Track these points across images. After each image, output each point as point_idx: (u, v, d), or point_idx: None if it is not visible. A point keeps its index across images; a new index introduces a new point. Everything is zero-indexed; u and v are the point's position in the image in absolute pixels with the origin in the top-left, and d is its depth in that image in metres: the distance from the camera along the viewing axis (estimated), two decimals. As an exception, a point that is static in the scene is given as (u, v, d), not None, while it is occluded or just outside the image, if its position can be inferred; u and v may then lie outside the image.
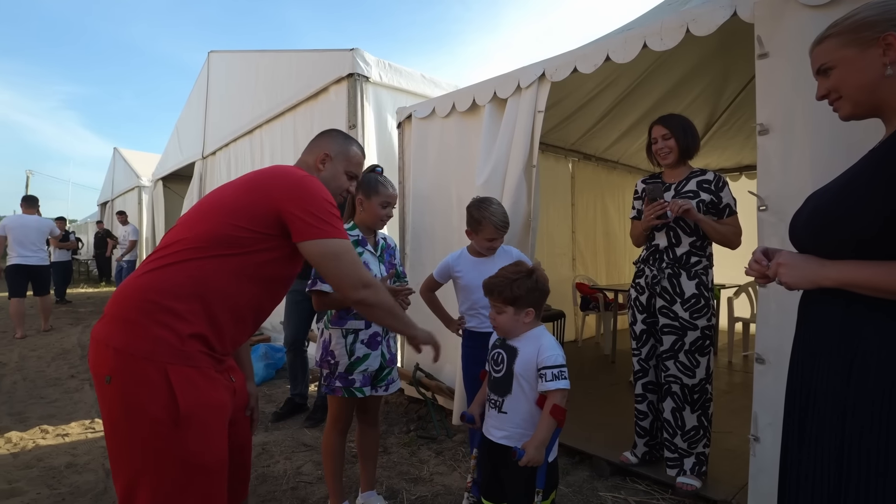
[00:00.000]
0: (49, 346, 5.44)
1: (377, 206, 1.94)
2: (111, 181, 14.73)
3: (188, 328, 1.15)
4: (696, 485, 2.18)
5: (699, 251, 2.24)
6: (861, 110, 1.03)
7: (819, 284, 1.00)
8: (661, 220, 2.22)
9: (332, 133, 1.58)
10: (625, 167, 6.14)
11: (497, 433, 1.58)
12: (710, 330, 2.22)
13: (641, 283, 2.38)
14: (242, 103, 6.53)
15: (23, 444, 2.82)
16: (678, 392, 2.24)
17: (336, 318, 1.92)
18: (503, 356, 1.60)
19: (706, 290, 2.22)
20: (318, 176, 1.47)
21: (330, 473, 1.95)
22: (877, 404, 0.91)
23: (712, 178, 2.25)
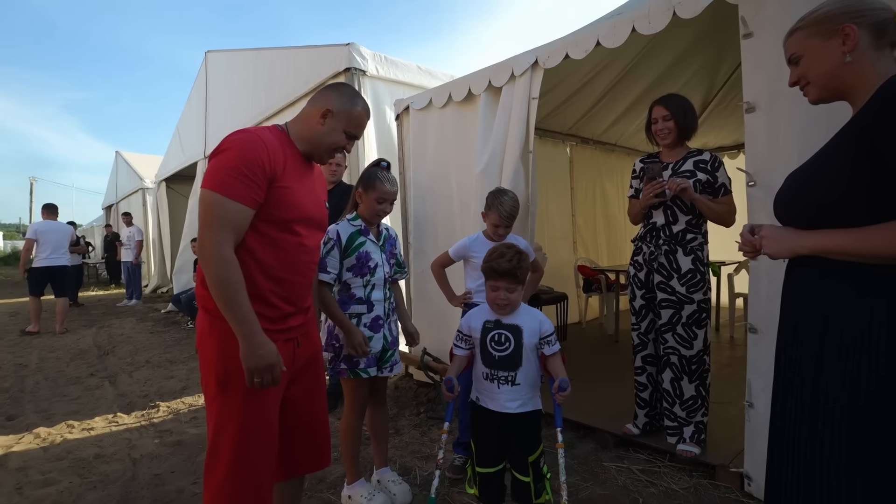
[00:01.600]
0: (66, 347, 5.58)
1: (373, 202, 2.00)
2: (115, 184, 14.86)
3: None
4: (695, 451, 2.28)
5: (695, 229, 2.31)
6: (827, 94, 1.13)
7: (796, 252, 1.10)
8: (660, 199, 2.28)
9: (341, 88, 1.50)
10: (623, 149, 6.18)
11: (512, 404, 1.74)
12: (705, 303, 2.30)
13: (639, 260, 2.46)
14: (242, 102, 6.60)
15: (51, 438, 2.95)
16: (676, 363, 2.32)
17: (340, 304, 2.01)
18: (507, 335, 1.73)
19: (702, 266, 2.30)
20: (316, 129, 1.44)
21: (348, 452, 2.06)
22: (842, 357, 1.00)
23: (708, 158, 2.31)
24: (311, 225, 1.49)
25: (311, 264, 1.51)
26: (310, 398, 1.55)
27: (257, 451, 1.34)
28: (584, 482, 2.22)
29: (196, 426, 3.07)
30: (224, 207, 1.25)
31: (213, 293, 1.27)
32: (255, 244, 1.34)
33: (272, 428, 1.38)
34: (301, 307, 1.50)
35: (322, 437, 1.59)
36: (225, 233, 1.26)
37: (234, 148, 1.28)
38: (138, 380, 4.18)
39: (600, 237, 6.04)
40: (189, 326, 6.48)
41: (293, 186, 1.39)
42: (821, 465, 1.04)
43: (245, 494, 1.32)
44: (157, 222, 10.68)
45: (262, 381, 1.28)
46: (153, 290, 10.81)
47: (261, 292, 1.36)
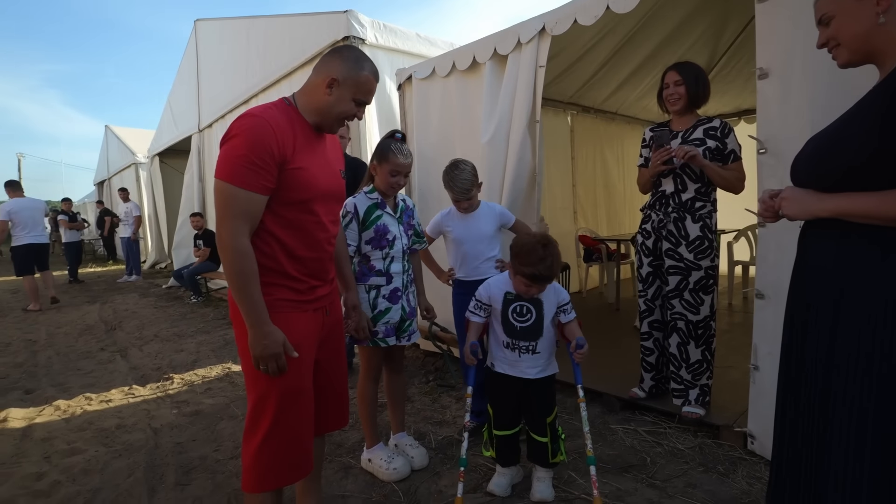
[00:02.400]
0: (72, 322, 5.63)
1: (387, 174, 2.01)
2: (106, 160, 14.63)
3: (265, 278, 1.36)
4: (700, 413, 2.36)
5: (704, 196, 2.33)
6: (857, 57, 1.13)
7: (816, 215, 1.12)
8: (668, 166, 2.30)
9: (344, 53, 1.43)
10: (623, 118, 6.14)
11: (532, 371, 1.85)
12: (713, 270, 2.34)
13: (647, 228, 2.48)
14: (236, 73, 6.45)
15: (71, 410, 3.02)
16: (683, 328, 2.38)
17: (359, 275, 2.05)
18: (529, 308, 1.81)
19: (710, 233, 2.33)
20: (323, 100, 1.41)
21: (366, 417, 2.13)
22: (861, 321, 1.04)
23: (718, 124, 2.31)
24: (329, 200, 1.50)
25: (330, 239, 1.54)
26: (334, 362, 1.63)
27: (297, 414, 1.42)
28: (594, 444, 2.30)
29: (211, 396, 3.15)
30: (236, 197, 1.27)
31: (228, 280, 1.31)
32: (275, 227, 1.37)
33: (309, 393, 1.46)
34: (326, 279, 1.55)
35: (344, 397, 1.68)
36: (239, 222, 1.28)
37: (242, 134, 1.28)
38: (149, 353, 4.24)
39: (600, 207, 6.06)
40: (192, 301, 6.53)
41: (306, 166, 1.39)
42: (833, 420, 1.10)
43: (282, 453, 1.40)
44: (152, 197, 10.57)
45: (267, 368, 1.33)
46: (151, 266, 10.80)
47: (286, 270, 1.41)
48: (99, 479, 2.22)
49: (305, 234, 1.43)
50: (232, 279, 1.30)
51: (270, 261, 1.37)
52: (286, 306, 1.40)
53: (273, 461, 1.39)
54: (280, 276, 1.39)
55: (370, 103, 1.52)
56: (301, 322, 1.43)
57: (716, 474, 2.01)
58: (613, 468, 2.10)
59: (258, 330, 1.30)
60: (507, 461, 1.95)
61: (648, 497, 1.88)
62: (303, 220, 1.41)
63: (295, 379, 1.41)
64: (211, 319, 5.46)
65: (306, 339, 1.44)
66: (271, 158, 1.29)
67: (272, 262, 1.38)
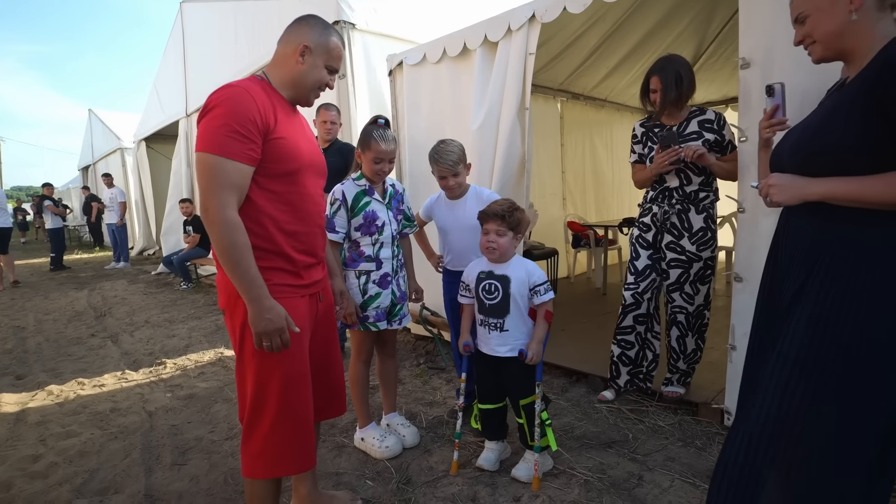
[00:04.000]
0: (61, 309, 5.60)
1: (370, 162, 2.01)
2: (90, 144, 14.35)
3: (262, 262, 1.34)
4: (680, 392, 2.46)
5: (706, 187, 2.34)
6: (830, 53, 1.20)
7: (805, 199, 1.18)
8: (675, 166, 2.26)
9: (310, 21, 1.43)
10: (613, 105, 6.17)
11: (502, 349, 1.90)
12: (712, 260, 2.36)
13: (647, 222, 2.44)
14: (223, 57, 6.37)
15: (64, 395, 3.04)
16: (683, 321, 2.39)
17: (349, 261, 2.09)
18: (496, 285, 1.87)
19: (712, 223, 2.34)
20: (297, 70, 1.40)
21: (357, 399, 2.19)
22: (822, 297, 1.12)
23: (713, 116, 2.29)
24: (313, 172, 1.49)
25: (320, 213, 1.54)
26: (327, 348, 1.64)
27: (300, 399, 1.43)
28: (578, 422, 2.40)
29: (205, 380, 3.19)
30: (222, 168, 1.23)
31: (220, 257, 1.26)
32: (264, 202, 1.35)
33: (308, 377, 1.46)
34: (319, 257, 1.54)
35: (340, 384, 1.69)
36: (227, 194, 1.24)
37: (222, 104, 1.26)
38: (140, 339, 4.26)
39: (589, 193, 6.13)
40: (182, 287, 6.52)
41: (288, 136, 1.38)
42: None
43: (292, 439, 1.41)
44: (139, 183, 10.44)
45: (270, 344, 1.31)
46: (139, 253, 10.71)
47: (281, 248, 1.39)
48: (96, 460, 2.26)
49: (295, 207, 1.42)
50: (224, 255, 1.25)
51: (265, 241, 1.36)
52: (285, 291, 1.39)
53: (280, 448, 1.39)
54: (277, 256, 1.39)
55: (338, 70, 1.51)
56: (300, 308, 1.44)
57: (694, 448, 2.10)
58: (597, 444, 2.18)
59: (259, 305, 1.27)
60: (493, 435, 2.03)
61: (629, 470, 1.97)
62: (292, 193, 1.41)
63: (299, 363, 1.42)
64: (202, 305, 5.47)
65: (304, 326, 1.45)
66: (255, 127, 1.27)
67: (267, 242, 1.37)
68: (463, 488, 1.89)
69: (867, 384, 1.09)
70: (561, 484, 1.89)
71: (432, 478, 1.98)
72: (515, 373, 1.89)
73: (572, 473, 1.96)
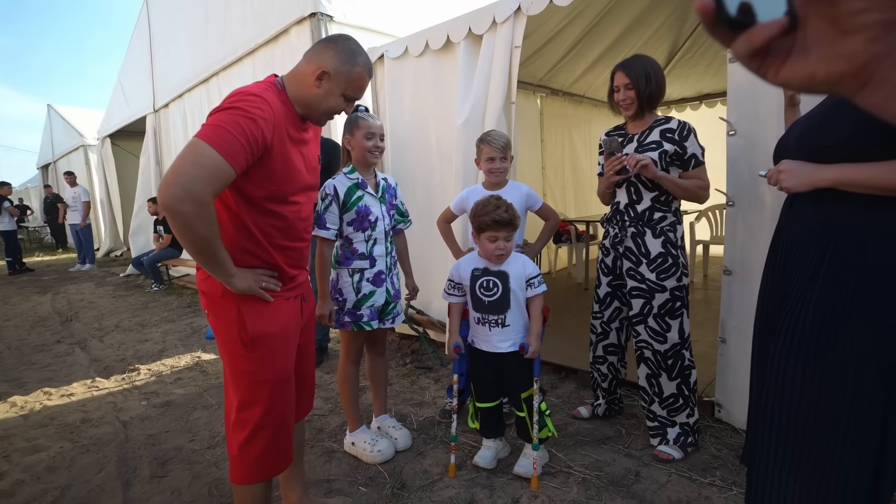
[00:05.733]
0: (23, 315, 5.32)
1: (362, 139, 1.96)
2: (50, 141, 13.73)
3: (252, 265, 1.34)
4: (674, 455, 2.00)
5: (663, 206, 2.02)
6: None
7: (816, 185, 1.17)
8: (622, 176, 2.03)
9: (338, 44, 1.35)
10: (590, 101, 6.22)
11: (504, 345, 1.86)
12: (680, 291, 2.01)
13: (606, 245, 2.20)
14: (194, 50, 6.14)
15: (29, 406, 2.87)
16: (651, 358, 2.06)
17: (342, 258, 2.02)
18: (495, 281, 1.85)
19: (674, 248, 2.01)
20: (311, 93, 1.35)
21: (347, 401, 2.12)
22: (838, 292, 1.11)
23: (676, 126, 1.98)
24: (308, 190, 1.48)
25: (308, 228, 1.53)
26: (307, 348, 1.62)
27: (285, 401, 1.40)
28: (570, 419, 2.39)
29: (182, 386, 3.05)
30: (216, 162, 1.14)
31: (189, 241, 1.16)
32: (260, 219, 1.33)
33: (293, 378, 1.45)
34: (303, 266, 1.55)
35: (313, 383, 1.69)
36: (211, 180, 1.14)
37: (244, 111, 1.19)
38: (111, 344, 4.07)
39: (568, 189, 6.16)
40: (154, 289, 6.28)
41: (292, 158, 1.34)
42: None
43: (278, 439, 1.39)
44: (105, 181, 10.02)
45: (263, 287, 1.33)
46: (106, 254, 10.30)
47: (274, 261, 1.39)
48: (66, 475, 2.12)
49: (287, 223, 1.40)
50: (195, 242, 1.15)
51: (258, 254, 1.35)
52: (273, 296, 1.38)
53: (266, 450, 1.37)
54: (269, 266, 1.39)
55: (360, 99, 1.45)
56: (286, 311, 1.42)
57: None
58: (591, 441, 2.17)
59: (235, 277, 1.27)
60: (491, 433, 2.00)
61: (626, 466, 1.96)
62: (284, 211, 1.38)
63: (287, 366, 1.40)
64: (175, 308, 5.27)
65: (291, 327, 1.43)
66: (257, 145, 1.22)
67: (260, 253, 1.36)
68: (460, 491, 1.84)
69: (877, 373, 1.08)
70: (559, 483, 1.87)
71: (428, 481, 1.93)
72: (515, 366, 1.87)
73: (569, 472, 1.93)
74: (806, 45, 0.33)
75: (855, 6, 0.30)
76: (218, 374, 3.22)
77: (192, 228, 1.13)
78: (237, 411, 1.36)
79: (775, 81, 0.35)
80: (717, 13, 0.33)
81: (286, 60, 4.47)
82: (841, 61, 0.32)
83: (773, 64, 0.34)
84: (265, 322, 1.34)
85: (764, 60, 0.34)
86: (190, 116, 6.55)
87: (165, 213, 1.11)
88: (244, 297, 1.32)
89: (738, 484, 1.82)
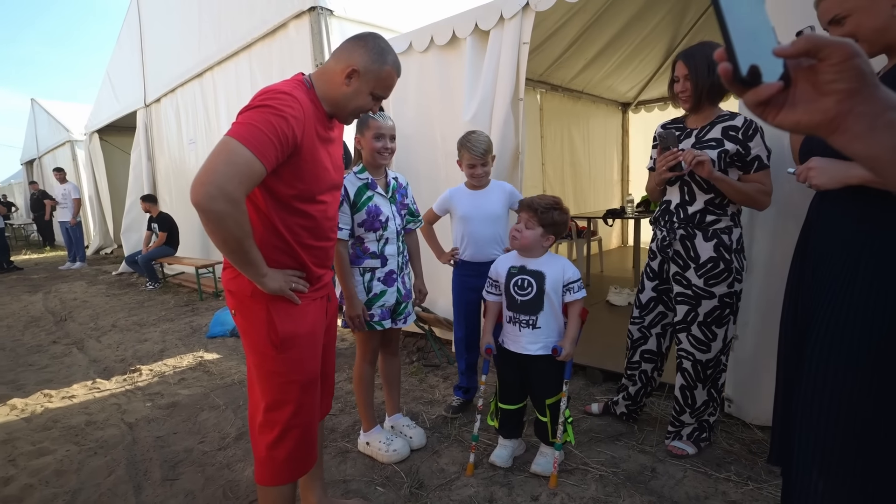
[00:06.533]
0: (14, 315, 5.21)
1: (371, 140, 1.95)
2: (34, 136, 13.44)
3: (280, 265, 1.32)
4: (688, 451, 2.00)
5: (717, 209, 1.86)
6: (876, 49, 1.19)
7: (845, 182, 1.17)
8: (674, 173, 1.87)
9: (368, 42, 1.34)
10: (589, 97, 6.22)
11: (533, 347, 1.84)
12: (731, 297, 1.88)
13: (653, 248, 2.07)
14: (186, 44, 6.03)
15: (30, 408, 2.81)
16: (689, 369, 1.97)
17: (353, 257, 1.99)
18: (530, 281, 1.81)
19: (727, 252, 1.85)
20: (340, 91, 1.33)
21: (362, 401, 2.11)
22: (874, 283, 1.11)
23: (741, 123, 1.81)
24: (335, 189, 1.47)
25: (333, 227, 1.52)
26: (330, 348, 1.62)
27: (313, 400, 1.41)
28: (582, 415, 2.40)
29: (186, 387, 3.02)
30: (248, 161, 1.12)
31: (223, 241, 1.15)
32: (288, 218, 1.32)
33: (318, 378, 1.45)
34: (329, 266, 1.54)
35: (332, 384, 1.68)
36: (244, 179, 1.13)
37: (275, 109, 1.18)
38: (109, 345, 4.00)
39: (567, 185, 6.17)
40: (149, 288, 6.19)
41: (320, 157, 1.33)
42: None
43: (306, 440, 1.40)
44: (93, 178, 9.83)
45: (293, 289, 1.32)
46: (96, 252, 10.13)
47: (301, 259, 1.37)
48: (76, 479, 2.09)
49: (314, 223, 1.39)
50: (228, 242, 1.14)
51: (285, 253, 1.34)
52: (301, 297, 1.37)
53: (294, 451, 1.37)
54: (297, 265, 1.38)
55: (387, 97, 1.44)
56: (313, 311, 1.42)
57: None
58: (605, 437, 2.18)
59: (267, 278, 1.26)
60: (509, 434, 2.00)
61: (641, 462, 1.98)
62: (312, 210, 1.37)
63: (314, 367, 1.40)
64: (172, 307, 5.21)
65: (318, 327, 1.43)
66: (287, 143, 1.20)
67: (287, 253, 1.34)
68: (479, 490, 1.84)
69: None
70: (577, 480, 1.88)
71: (445, 480, 1.92)
72: (543, 371, 1.85)
73: (587, 469, 1.94)
74: (795, 100, 0.48)
75: (828, 77, 0.45)
76: (223, 374, 3.18)
77: (225, 228, 1.12)
78: (265, 412, 1.35)
79: (773, 124, 0.49)
80: (734, 75, 0.47)
81: (284, 55, 4.41)
82: (818, 114, 0.47)
83: (772, 112, 0.49)
84: (295, 323, 1.33)
85: (766, 109, 0.49)
86: (183, 111, 6.45)
87: (199, 212, 1.10)
88: (273, 298, 1.30)
89: (753, 479, 1.84)
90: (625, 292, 4.13)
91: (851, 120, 0.45)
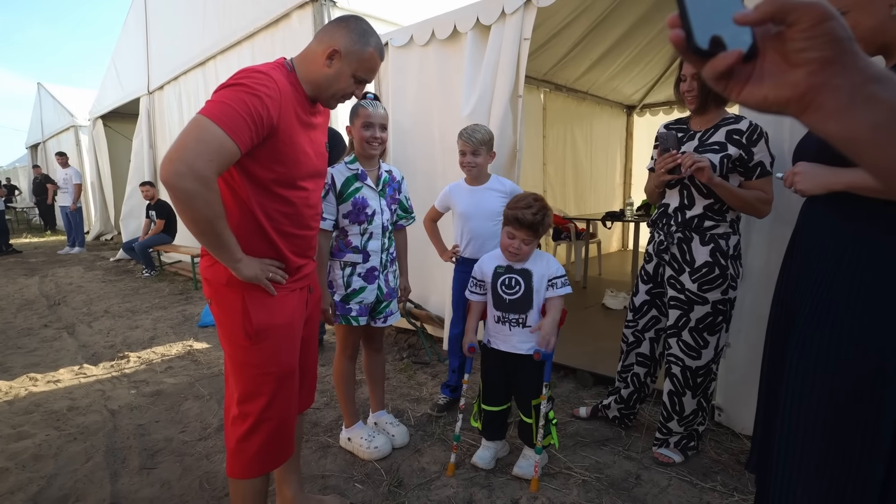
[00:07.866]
0: (8, 297, 5.20)
1: (360, 129, 1.91)
2: (40, 121, 13.46)
3: (257, 252, 1.29)
4: (674, 458, 1.96)
5: (716, 215, 1.82)
6: (871, 49, 1.16)
7: (831, 188, 1.13)
8: (674, 176, 1.83)
9: (350, 24, 1.31)
10: (594, 98, 6.17)
11: (523, 346, 1.81)
12: (724, 304, 1.85)
13: (649, 251, 2.05)
14: (190, 32, 6.00)
15: (14, 392, 2.79)
16: (678, 375, 1.93)
17: (336, 250, 1.96)
18: (518, 279, 1.78)
19: (723, 258, 1.81)
20: (321, 73, 1.30)
21: (343, 397, 2.07)
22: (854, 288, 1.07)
23: (746, 127, 1.75)
24: (316, 177, 1.43)
25: (316, 216, 1.48)
26: (311, 340, 1.58)
27: (290, 393, 1.37)
28: (570, 419, 2.36)
29: (172, 376, 2.99)
30: (218, 139, 1.10)
31: (193, 221, 1.12)
32: (267, 204, 1.28)
33: (297, 370, 1.41)
34: (310, 256, 1.50)
35: (315, 376, 1.66)
36: (214, 156, 1.09)
37: (248, 87, 1.15)
38: (99, 330, 3.98)
39: (569, 186, 6.12)
40: (145, 275, 6.17)
41: (300, 141, 1.30)
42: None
43: (279, 433, 1.36)
44: (96, 164, 9.84)
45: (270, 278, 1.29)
46: (96, 238, 10.14)
47: (278, 248, 1.34)
48: (53, 464, 2.06)
49: (295, 210, 1.35)
50: (198, 224, 1.11)
51: (263, 243, 1.30)
52: (279, 288, 1.33)
53: (266, 444, 1.34)
54: (273, 254, 1.34)
55: (370, 82, 1.40)
56: (292, 302, 1.38)
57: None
58: (591, 442, 2.14)
59: (241, 263, 1.22)
60: (492, 435, 1.96)
61: (626, 469, 1.94)
62: (292, 197, 1.33)
63: (291, 359, 1.36)
64: (167, 294, 5.19)
65: (297, 319, 1.39)
66: (262, 123, 1.17)
67: (264, 243, 1.31)
68: (458, 490, 1.81)
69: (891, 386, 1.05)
70: (559, 484, 1.84)
71: (425, 479, 1.89)
72: (530, 371, 1.82)
73: (570, 473, 1.90)
74: (763, 73, 0.42)
75: (798, 45, 0.39)
76: (210, 364, 3.16)
77: (193, 207, 1.09)
78: (238, 404, 1.32)
79: (737, 100, 0.44)
80: (687, 43, 0.41)
81: (287, 46, 4.37)
82: (787, 88, 0.40)
83: (736, 86, 0.43)
84: (270, 314, 1.30)
85: (728, 83, 0.43)
86: (186, 99, 6.43)
87: (167, 189, 1.07)
88: (249, 287, 1.27)
89: (740, 489, 1.80)
90: (621, 296, 4.08)
91: (825, 94, 0.39)
